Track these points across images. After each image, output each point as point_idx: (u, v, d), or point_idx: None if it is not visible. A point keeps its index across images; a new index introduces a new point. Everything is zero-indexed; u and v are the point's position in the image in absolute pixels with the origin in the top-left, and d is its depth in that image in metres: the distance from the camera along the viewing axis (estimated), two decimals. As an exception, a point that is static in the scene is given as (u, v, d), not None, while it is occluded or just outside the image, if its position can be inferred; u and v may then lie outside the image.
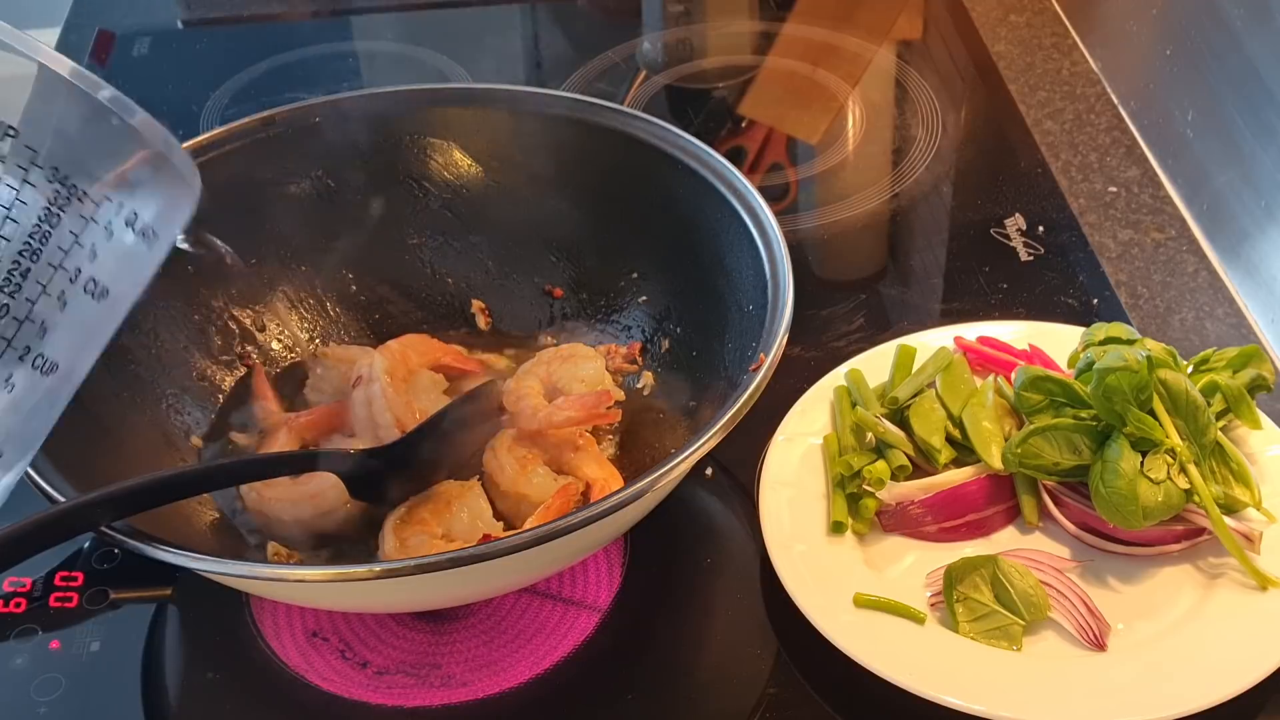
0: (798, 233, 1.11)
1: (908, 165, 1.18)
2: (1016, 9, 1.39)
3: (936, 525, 0.83)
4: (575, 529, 0.67)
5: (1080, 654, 0.76)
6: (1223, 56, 1.09)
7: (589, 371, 0.90)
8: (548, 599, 0.82)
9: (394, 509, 0.82)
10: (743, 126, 1.26)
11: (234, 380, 0.92)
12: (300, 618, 0.82)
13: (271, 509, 0.84)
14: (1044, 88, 1.27)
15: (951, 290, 1.05)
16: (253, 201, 0.94)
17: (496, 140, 0.97)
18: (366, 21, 1.45)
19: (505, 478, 0.84)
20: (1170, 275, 1.05)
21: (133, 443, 0.83)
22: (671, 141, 0.91)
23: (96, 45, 1.40)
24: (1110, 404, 0.79)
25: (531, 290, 0.97)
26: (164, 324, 0.89)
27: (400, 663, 0.80)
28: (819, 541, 0.81)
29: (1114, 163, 1.17)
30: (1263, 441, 0.85)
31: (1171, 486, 0.77)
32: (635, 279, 0.94)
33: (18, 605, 0.83)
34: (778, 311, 0.79)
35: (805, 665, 0.78)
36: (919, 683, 0.73)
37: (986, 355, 0.91)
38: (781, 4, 1.42)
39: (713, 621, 0.82)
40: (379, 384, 0.86)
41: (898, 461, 0.83)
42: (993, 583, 0.78)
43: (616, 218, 0.94)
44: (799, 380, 0.91)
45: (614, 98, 1.27)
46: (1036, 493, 0.84)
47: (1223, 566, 0.79)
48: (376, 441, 0.85)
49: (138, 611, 0.83)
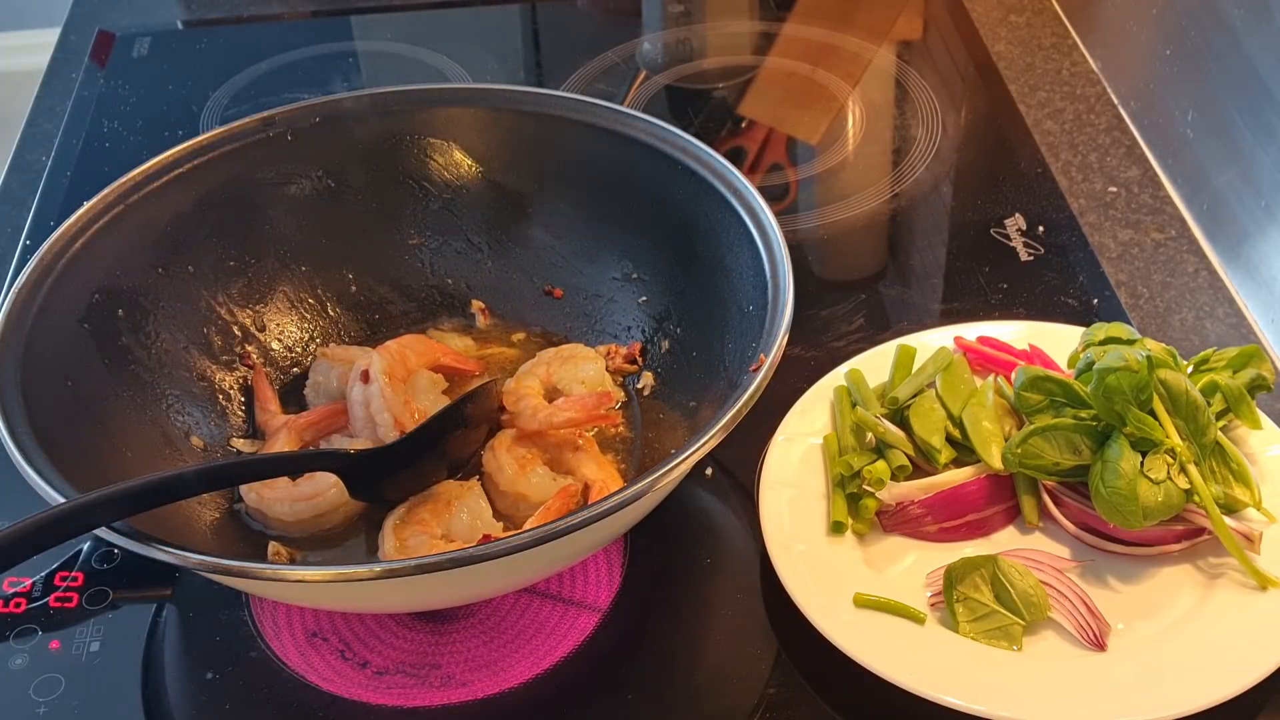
0: (798, 233, 1.11)
1: (908, 165, 1.18)
2: (1016, 9, 1.39)
3: (936, 525, 0.83)
4: (575, 529, 0.67)
5: (1080, 654, 0.76)
6: (1223, 56, 1.09)
7: (589, 372, 0.90)
8: (548, 599, 0.82)
9: (394, 509, 0.82)
10: (743, 126, 1.26)
11: (234, 380, 0.92)
12: (300, 618, 0.82)
13: (271, 509, 0.84)
14: (1044, 88, 1.27)
15: (951, 290, 1.05)
16: (253, 201, 0.94)
17: (496, 140, 0.97)
18: (366, 21, 1.45)
19: (505, 478, 0.84)
20: (1170, 275, 1.05)
21: (133, 443, 0.83)
22: (672, 142, 0.91)
23: (96, 45, 1.40)
24: (1110, 404, 0.79)
25: (531, 290, 0.97)
26: (164, 324, 0.89)
27: (400, 663, 0.80)
28: (819, 541, 0.81)
29: (1114, 163, 1.17)
30: (1263, 441, 0.85)
31: (1171, 486, 0.77)
32: (635, 279, 0.94)
33: (18, 605, 0.83)
34: (778, 311, 0.79)
35: (805, 665, 0.78)
36: (919, 683, 0.73)
37: (986, 355, 0.91)
38: (781, 4, 1.42)
39: (712, 622, 0.82)
40: (377, 384, 0.86)
41: (898, 461, 0.83)
42: (993, 583, 0.78)
43: (616, 218, 0.94)
44: (799, 380, 0.91)
45: (614, 98, 1.27)
46: (1036, 493, 0.84)
47: (1223, 566, 0.80)
48: (376, 441, 0.85)
49: (138, 611, 0.83)
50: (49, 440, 0.74)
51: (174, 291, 0.90)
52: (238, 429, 0.91)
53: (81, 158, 1.23)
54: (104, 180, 0.89)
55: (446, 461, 0.84)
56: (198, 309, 0.92)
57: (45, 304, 0.82)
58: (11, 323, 0.80)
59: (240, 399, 0.92)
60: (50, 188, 1.19)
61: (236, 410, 0.91)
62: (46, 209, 1.16)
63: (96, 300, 0.86)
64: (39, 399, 0.77)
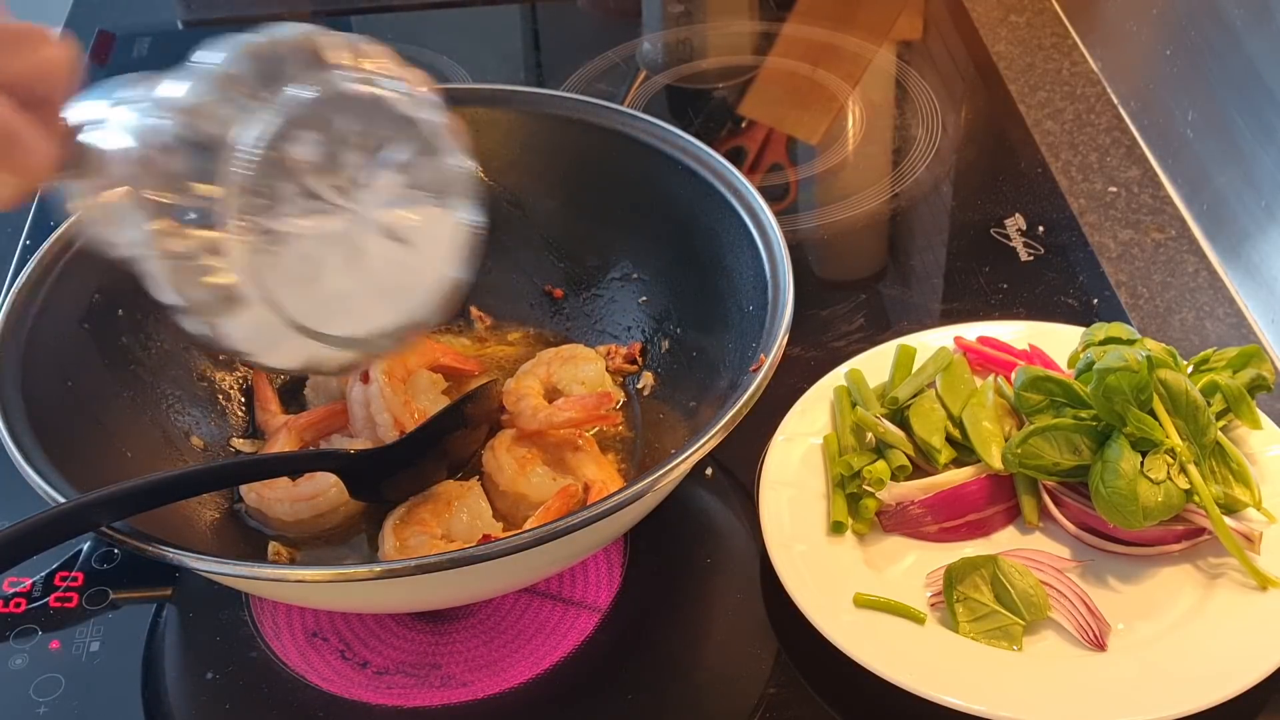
0: (798, 233, 1.11)
1: (908, 165, 1.18)
2: (1016, 9, 1.39)
3: (936, 525, 0.83)
4: (575, 530, 0.67)
5: (1080, 654, 0.76)
6: (1223, 56, 1.09)
7: (589, 373, 0.90)
8: (548, 599, 0.82)
9: (394, 509, 0.82)
10: (743, 126, 1.26)
11: (234, 380, 0.92)
12: (300, 618, 0.82)
13: (271, 509, 0.84)
14: (1044, 88, 1.27)
15: (951, 290, 1.05)
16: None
17: (497, 140, 0.97)
18: (366, 21, 1.45)
19: (505, 478, 0.84)
20: (1170, 275, 1.05)
21: (133, 443, 0.83)
22: (672, 142, 0.91)
23: (96, 45, 1.40)
24: (1110, 404, 0.79)
25: (531, 290, 0.97)
26: (164, 324, 0.89)
27: (400, 663, 0.80)
28: (819, 541, 0.81)
29: (1114, 163, 1.17)
30: (1263, 441, 0.85)
31: (1171, 486, 0.77)
32: (635, 279, 0.94)
33: (18, 605, 0.83)
34: (778, 311, 0.79)
35: (805, 665, 0.78)
36: (919, 683, 0.73)
37: (986, 355, 0.91)
38: (781, 4, 1.42)
39: (712, 621, 0.82)
40: (377, 384, 0.86)
41: (898, 461, 0.83)
42: (993, 583, 0.78)
43: (617, 218, 0.94)
44: (799, 380, 0.91)
45: (614, 98, 1.27)
46: (1036, 493, 0.84)
47: (1223, 566, 0.79)
48: (376, 441, 0.85)
49: (138, 611, 0.83)
50: (49, 440, 0.74)
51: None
52: (238, 429, 0.91)
53: (81, 158, 1.23)
54: (104, 180, 0.89)
55: (446, 461, 0.84)
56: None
57: (45, 304, 0.82)
58: (11, 323, 0.80)
59: (240, 399, 0.92)
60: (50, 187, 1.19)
61: (236, 410, 0.91)
62: (46, 209, 1.16)
63: (96, 300, 0.85)
64: (39, 399, 0.77)
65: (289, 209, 0.62)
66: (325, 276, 0.64)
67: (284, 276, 0.62)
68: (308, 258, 0.63)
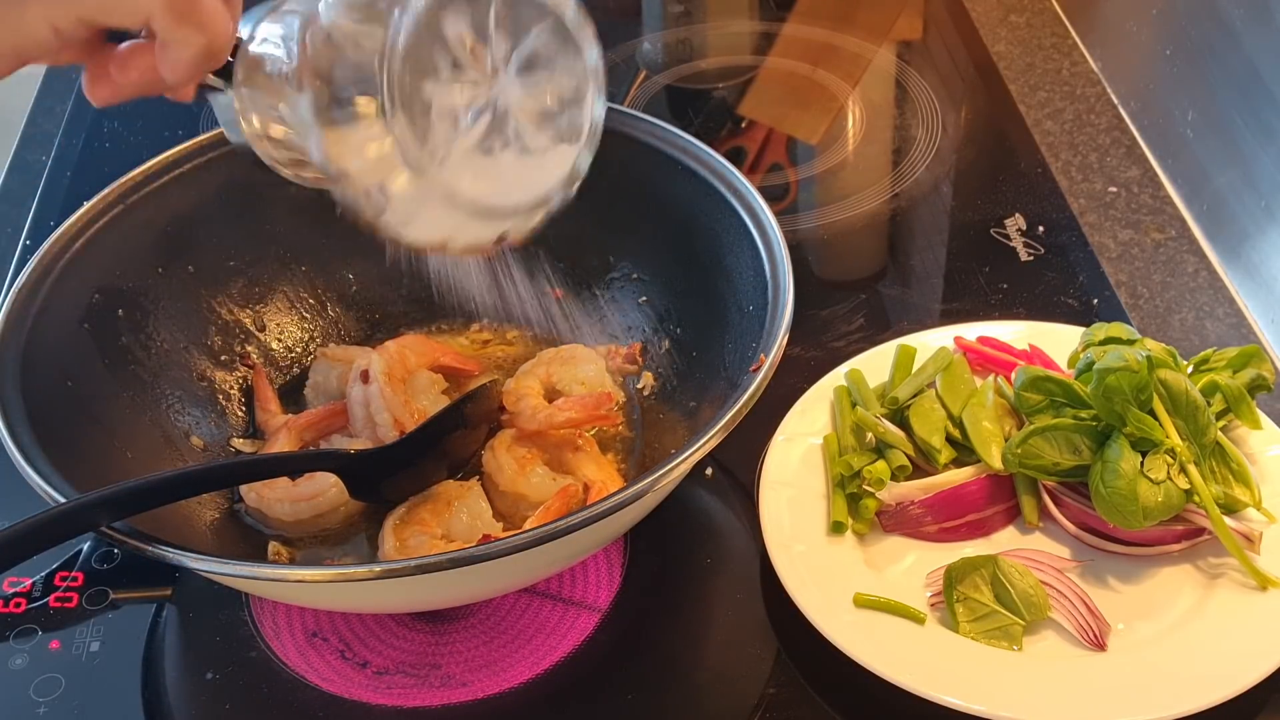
0: (798, 233, 1.11)
1: (908, 165, 1.18)
2: (1016, 9, 1.39)
3: (936, 525, 0.83)
4: (575, 530, 0.67)
5: (1080, 654, 0.76)
6: (1223, 56, 1.09)
7: (589, 373, 0.90)
8: (548, 599, 0.82)
9: (394, 509, 0.82)
10: (743, 126, 1.26)
11: (234, 380, 0.92)
12: (300, 618, 0.82)
13: (271, 509, 0.84)
14: (1044, 88, 1.27)
15: (951, 290, 1.05)
16: (253, 201, 0.94)
17: (496, 140, 0.97)
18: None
19: (504, 478, 0.84)
20: (1170, 275, 1.05)
21: (133, 443, 0.83)
22: (671, 142, 0.91)
23: None
24: (1110, 404, 0.79)
25: (532, 290, 0.97)
26: (164, 324, 0.89)
27: (400, 663, 0.80)
28: (819, 541, 0.81)
29: (1114, 163, 1.17)
30: (1263, 441, 0.85)
31: (1171, 486, 0.77)
32: (635, 279, 0.94)
33: (18, 605, 0.83)
34: (778, 312, 0.79)
35: (805, 665, 0.78)
36: (919, 683, 0.73)
37: (986, 355, 0.91)
38: (781, 4, 1.42)
39: (712, 621, 0.82)
40: (377, 384, 0.86)
41: (898, 461, 0.83)
42: (993, 583, 0.78)
43: (616, 218, 0.94)
44: (799, 380, 0.91)
45: (614, 98, 1.27)
46: (1036, 493, 0.84)
47: (1223, 566, 0.80)
48: (376, 441, 0.85)
49: (138, 611, 0.83)
50: (49, 440, 0.74)
51: (174, 291, 0.90)
52: (238, 429, 0.91)
53: (81, 158, 1.23)
54: (104, 180, 0.89)
55: (446, 462, 0.84)
56: (198, 309, 0.92)
57: (45, 304, 0.82)
58: (11, 323, 0.80)
59: (240, 399, 0.92)
60: (50, 188, 1.19)
61: (236, 410, 0.91)
62: (46, 209, 1.16)
63: (96, 300, 0.85)
64: (39, 399, 0.77)
65: (444, 79, 0.64)
66: (473, 148, 0.66)
67: (437, 145, 0.64)
68: (459, 129, 0.65)
